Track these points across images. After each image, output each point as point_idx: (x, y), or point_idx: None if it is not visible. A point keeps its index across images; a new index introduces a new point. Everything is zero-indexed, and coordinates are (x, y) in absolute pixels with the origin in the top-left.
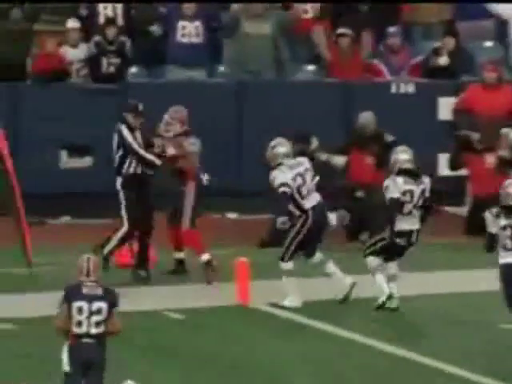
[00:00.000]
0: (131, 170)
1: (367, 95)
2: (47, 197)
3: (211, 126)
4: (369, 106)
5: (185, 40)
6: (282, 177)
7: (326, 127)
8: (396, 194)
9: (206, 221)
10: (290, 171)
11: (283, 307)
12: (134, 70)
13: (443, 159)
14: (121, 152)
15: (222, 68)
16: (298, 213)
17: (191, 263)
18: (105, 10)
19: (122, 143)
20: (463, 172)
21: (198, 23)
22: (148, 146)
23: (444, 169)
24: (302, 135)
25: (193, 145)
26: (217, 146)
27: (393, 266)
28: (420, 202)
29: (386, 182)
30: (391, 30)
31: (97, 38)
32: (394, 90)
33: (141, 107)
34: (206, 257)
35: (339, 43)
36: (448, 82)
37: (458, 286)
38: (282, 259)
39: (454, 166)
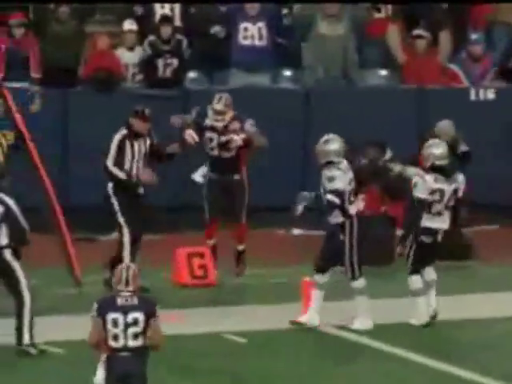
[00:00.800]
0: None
1: (444, 102)
2: (98, 210)
3: (276, 136)
4: (446, 113)
5: (247, 43)
6: (341, 180)
7: (400, 136)
8: (423, 194)
9: (269, 237)
10: (348, 174)
11: (353, 330)
12: (192, 74)
13: None
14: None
15: (287, 73)
16: (341, 219)
17: (253, 285)
18: (162, 9)
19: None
20: None
21: (261, 24)
22: (155, 153)
23: None
24: (376, 143)
25: (252, 126)
26: (281, 157)
27: (430, 271)
28: (451, 202)
29: (415, 179)
30: (473, 37)
31: (151, 37)
32: (473, 96)
33: (148, 112)
34: (242, 247)
35: (415, 46)
36: None
37: None
38: (353, 278)
39: None
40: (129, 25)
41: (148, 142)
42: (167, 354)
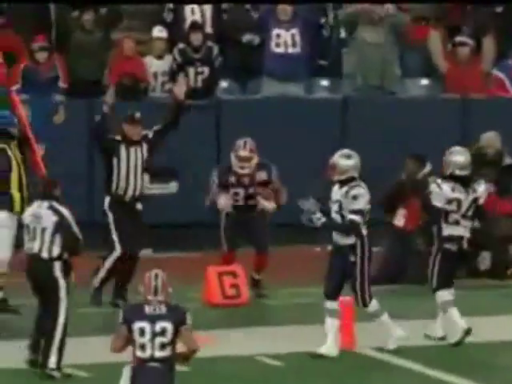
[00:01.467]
0: (119, 191)
1: (489, 112)
2: None
3: (312, 148)
4: (491, 124)
5: (280, 50)
6: (365, 200)
7: (442, 149)
8: (440, 203)
9: (309, 254)
10: (368, 193)
11: (391, 351)
12: (224, 84)
13: None
14: (107, 169)
15: (324, 82)
16: (353, 240)
17: (287, 304)
18: (192, 16)
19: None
20: None
21: (294, 31)
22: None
23: None
24: (416, 157)
25: (275, 170)
26: (319, 170)
27: (452, 292)
28: (470, 212)
29: (431, 187)
30: None
31: (181, 45)
32: None
33: (137, 116)
34: (259, 276)
35: (458, 53)
36: None
37: None
38: (365, 305)
39: None
40: (158, 32)
41: (145, 147)
42: (198, 378)
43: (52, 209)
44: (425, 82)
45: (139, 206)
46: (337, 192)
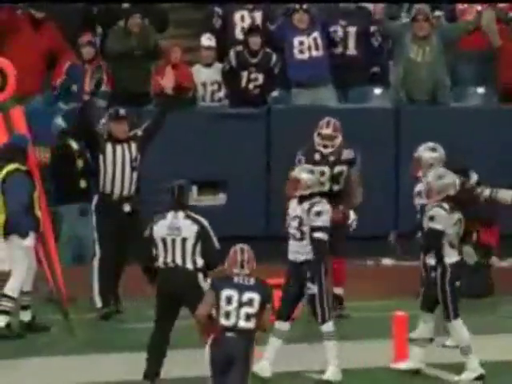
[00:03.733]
0: (106, 191)
1: None
2: None
3: (365, 159)
4: None
5: (303, 56)
6: (328, 216)
7: (498, 161)
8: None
9: (357, 267)
10: None
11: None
12: (274, 93)
13: None
14: (95, 168)
15: (377, 91)
16: (310, 257)
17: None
18: (242, 23)
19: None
20: None
21: (315, 34)
22: (151, 132)
23: None
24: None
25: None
26: (372, 182)
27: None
28: None
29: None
30: None
31: (238, 47)
32: None
33: (122, 112)
34: (341, 291)
35: None
36: None
37: None
38: (323, 321)
39: None
40: (206, 40)
41: (134, 146)
42: None
43: (190, 218)
44: (480, 90)
45: (127, 208)
46: (296, 208)
